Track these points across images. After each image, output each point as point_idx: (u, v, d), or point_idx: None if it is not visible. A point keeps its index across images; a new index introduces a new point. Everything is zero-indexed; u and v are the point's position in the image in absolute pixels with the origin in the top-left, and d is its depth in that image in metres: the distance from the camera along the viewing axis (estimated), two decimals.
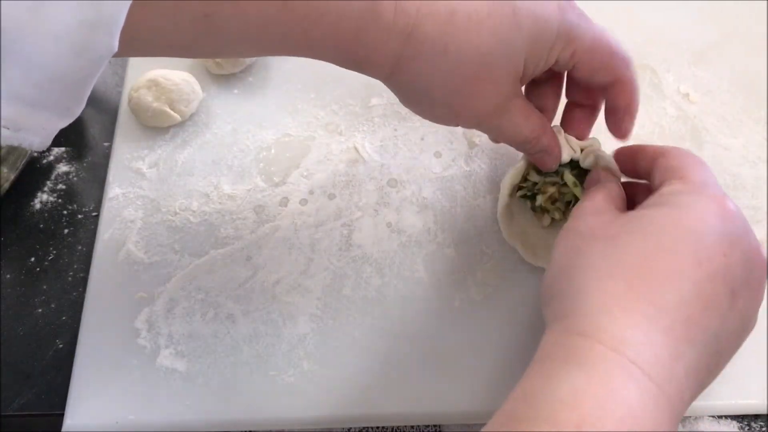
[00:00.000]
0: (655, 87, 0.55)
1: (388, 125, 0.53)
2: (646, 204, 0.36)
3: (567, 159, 0.43)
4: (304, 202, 0.50)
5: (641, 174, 0.41)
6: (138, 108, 0.53)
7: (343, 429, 0.44)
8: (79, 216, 0.52)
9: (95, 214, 0.52)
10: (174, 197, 0.51)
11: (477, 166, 0.51)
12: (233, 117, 0.55)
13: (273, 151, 0.53)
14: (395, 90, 0.40)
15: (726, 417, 0.43)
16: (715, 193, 0.35)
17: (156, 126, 0.54)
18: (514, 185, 0.46)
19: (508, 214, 0.46)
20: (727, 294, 0.33)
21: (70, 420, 0.43)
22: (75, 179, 0.54)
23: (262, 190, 0.51)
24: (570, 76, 0.43)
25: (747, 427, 0.43)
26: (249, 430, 0.43)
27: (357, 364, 0.44)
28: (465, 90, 0.37)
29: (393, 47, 0.36)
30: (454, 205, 0.50)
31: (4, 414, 0.44)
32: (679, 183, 0.36)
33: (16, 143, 0.30)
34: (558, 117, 0.46)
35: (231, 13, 0.33)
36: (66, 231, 0.51)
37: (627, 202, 0.40)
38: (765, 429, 0.42)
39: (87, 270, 0.49)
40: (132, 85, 0.54)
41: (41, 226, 0.52)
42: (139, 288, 0.47)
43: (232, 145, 0.53)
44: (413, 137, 0.53)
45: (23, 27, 0.27)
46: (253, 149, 0.53)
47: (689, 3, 0.59)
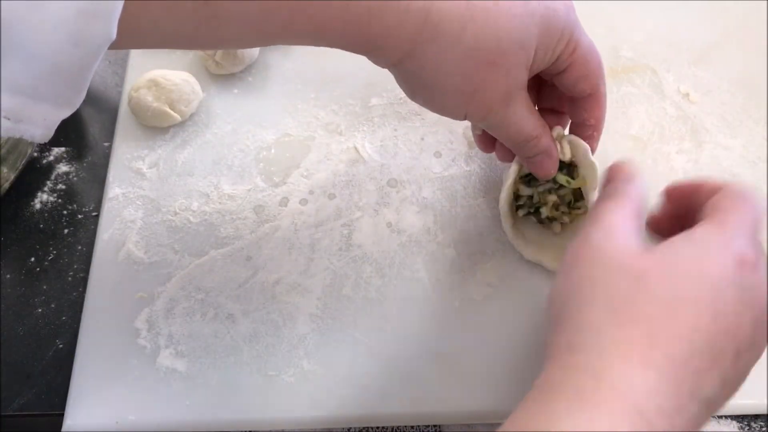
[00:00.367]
0: (655, 87, 0.55)
1: (388, 125, 0.53)
2: (675, 240, 0.34)
3: (566, 158, 0.44)
4: (304, 202, 0.50)
5: (696, 210, 0.37)
6: (138, 108, 0.53)
7: (343, 429, 0.44)
8: (79, 216, 0.52)
9: (95, 214, 0.52)
10: (174, 197, 0.51)
11: (477, 166, 0.51)
12: (233, 117, 0.55)
13: (273, 151, 0.53)
14: (404, 78, 0.39)
15: (726, 417, 0.43)
16: (742, 245, 0.33)
17: (156, 126, 0.54)
18: (510, 205, 0.46)
19: (519, 236, 0.46)
20: (733, 352, 0.32)
21: (70, 420, 0.43)
22: (75, 179, 0.54)
23: (262, 190, 0.51)
24: (554, 80, 0.42)
25: (747, 427, 0.43)
26: (249, 430, 0.43)
27: (357, 364, 0.44)
28: (479, 75, 0.37)
29: (408, 29, 0.35)
30: (454, 205, 0.50)
31: (4, 414, 0.44)
32: (714, 225, 0.34)
33: (17, 135, 0.30)
34: None
35: (232, 0, 0.32)
36: (66, 231, 0.51)
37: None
38: (765, 429, 0.42)
39: (87, 270, 0.49)
40: (132, 85, 0.54)
41: (41, 226, 0.52)
42: (139, 288, 0.47)
43: (232, 145, 0.53)
44: (413, 137, 0.53)
45: (22, 18, 0.27)
46: (253, 149, 0.53)
47: (689, 3, 0.59)
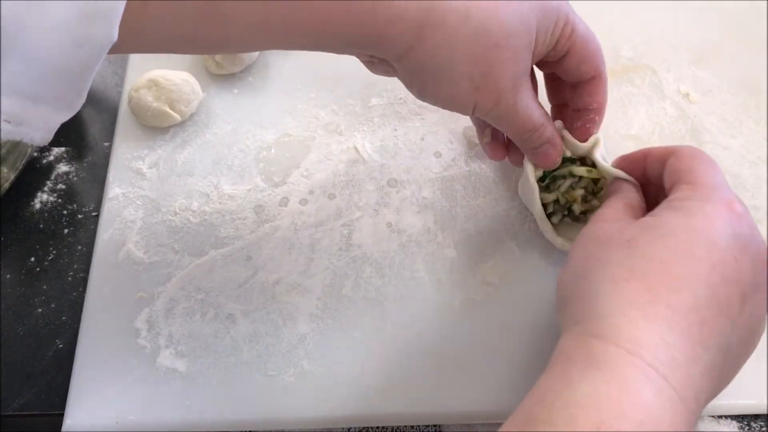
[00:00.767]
0: (655, 87, 0.55)
1: (388, 125, 0.53)
2: (658, 210, 0.36)
3: (569, 153, 0.44)
4: (304, 202, 0.50)
5: (652, 178, 0.41)
6: (138, 108, 0.53)
7: (343, 429, 0.44)
8: (79, 216, 0.52)
9: (95, 214, 0.52)
10: (174, 197, 0.51)
11: (477, 166, 0.51)
12: (233, 117, 0.55)
13: (273, 151, 0.53)
14: (411, 71, 0.39)
15: (726, 417, 0.43)
16: (724, 197, 0.35)
17: (156, 126, 0.54)
18: (545, 212, 0.45)
19: (568, 242, 0.46)
20: (739, 298, 0.33)
21: (70, 420, 0.43)
22: (75, 179, 0.54)
23: (262, 190, 0.51)
24: (555, 71, 0.43)
25: (747, 427, 0.43)
26: (249, 430, 0.43)
27: (357, 364, 0.44)
28: (486, 59, 0.37)
29: (413, 16, 0.35)
30: (454, 205, 0.50)
31: (4, 414, 0.44)
32: (688, 188, 0.36)
33: (17, 138, 0.30)
34: None
35: (233, 1, 0.32)
36: (66, 231, 0.51)
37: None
38: (765, 429, 0.42)
39: (87, 270, 0.49)
40: (132, 85, 0.54)
41: (41, 226, 0.52)
42: (139, 288, 0.47)
43: (232, 145, 0.53)
44: (413, 137, 0.53)
45: (23, 20, 0.27)
46: (253, 149, 0.53)
47: (689, 3, 0.59)
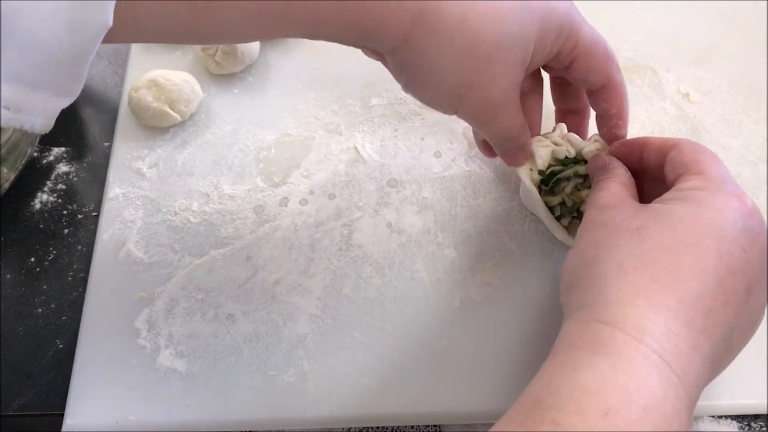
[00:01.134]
0: (655, 87, 0.55)
1: (388, 125, 0.53)
2: (666, 198, 0.36)
3: (573, 153, 0.44)
4: (304, 202, 0.50)
5: (649, 167, 0.41)
6: (138, 108, 0.53)
7: (343, 429, 0.44)
8: (79, 216, 0.52)
9: (95, 214, 0.52)
10: (174, 197, 0.51)
11: (477, 166, 0.51)
12: (233, 117, 0.55)
13: (273, 151, 0.53)
14: (399, 66, 0.38)
15: (726, 417, 0.43)
16: (734, 190, 0.35)
17: (156, 126, 0.54)
18: (553, 216, 0.45)
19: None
20: (744, 288, 0.33)
21: (70, 420, 0.43)
22: (75, 179, 0.54)
23: (262, 190, 0.51)
24: (563, 76, 0.43)
25: (747, 427, 0.43)
26: (249, 430, 0.43)
27: (357, 364, 0.44)
28: (474, 71, 0.37)
29: (405, 17, 0.34)
30: (454, 205, 0.50)
31: (4, 414, 0.44)
32: (698, 179, 0.36)
33: (17, 125, 0.30)
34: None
35: None
36: (66, 231, 0.51)
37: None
38: (765, 429, 0.42)
39: (87, 270, 0.49)
40: (132, 85, 0.54)
41: (41, 226, 0.52)
42: (139, 288, 0.47)
43: (232, 145, 0.53)
44: (413, 137, 0.53)
45: (18, 7, 0.27)
46: (253, 149, 0.53)
47: (689, 3, 0.59)
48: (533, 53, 0.38)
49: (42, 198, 0.53)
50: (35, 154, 0.55)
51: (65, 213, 0.52)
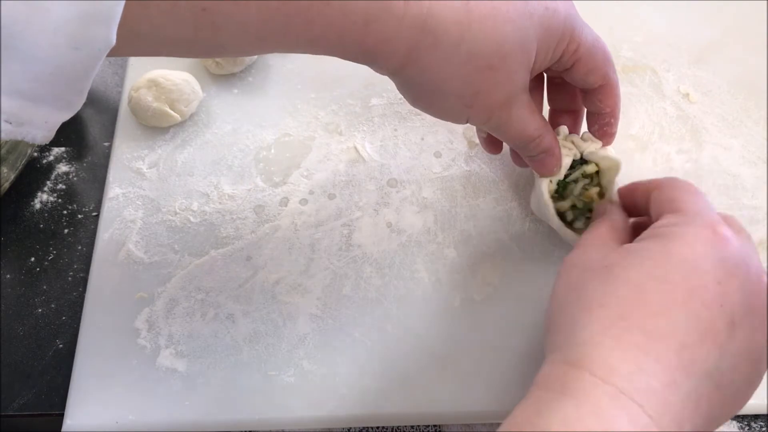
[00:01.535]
0: (655, 87, 0.55)
1: (388, 125, 0.53)
2: (641, 237, 0.36)
3: (578, 157, 0.44)
4: (304, 202, 0.50)
5: (641, 210, 0.41)
6: (138, 108, 0.53)
7: (343, 429, 0.44)
8: (79, 216, 0.52)
9: (95, 214, 0.52)
10: (174, 197, 0.51)
11: (477, 166, 0.51)
12: (233, 117, 0.55)
13: (273, 151, 0.53)
14: (404, 85, 0.39)
15: None
16: (707, 221, 0.34)
17: (156, 126, 0.54)
18: (565, 221, 0.45)
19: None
20: (726, 323, 0.32)
21: (70, 420, 0.43)
22: (75, 179, 0.54)
23: (262, 190, 0.51)
24: (562, 77, 0.43)
25: (747, 427, 0.43)
26: (249, 430, 0.43)
27: (357, 364, 0.44)
28: (479, 79, 0.37)
29: (406, 36, 0.34)
30: (454, 205, 0.50)
31: (4, 414, 0.44)
32: (672, 216, 0.36)
33: (19, 137, 0.30)
34: None
35: (230, 7, 0.32)
36: (66, 231, 0.51)
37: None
38: (765, 429, 0.42)
39: (87, 270, 0.49)
40: (132, 85, 0.54)
41: (41, 226, 0.52)
42: (139, 288, 0.47)
43: (232, 145, 0.53)
44: (413, 137, 0.53)
45: (22, 21, 0.27)
46: (253, 149, 0.53)
47: (689, 3, 0.59)
48: (538, 56, 0.38)
49: (42, 198, 0.53)
50: (35, 154, 0.55)
51: (65, 213, 0.52)
